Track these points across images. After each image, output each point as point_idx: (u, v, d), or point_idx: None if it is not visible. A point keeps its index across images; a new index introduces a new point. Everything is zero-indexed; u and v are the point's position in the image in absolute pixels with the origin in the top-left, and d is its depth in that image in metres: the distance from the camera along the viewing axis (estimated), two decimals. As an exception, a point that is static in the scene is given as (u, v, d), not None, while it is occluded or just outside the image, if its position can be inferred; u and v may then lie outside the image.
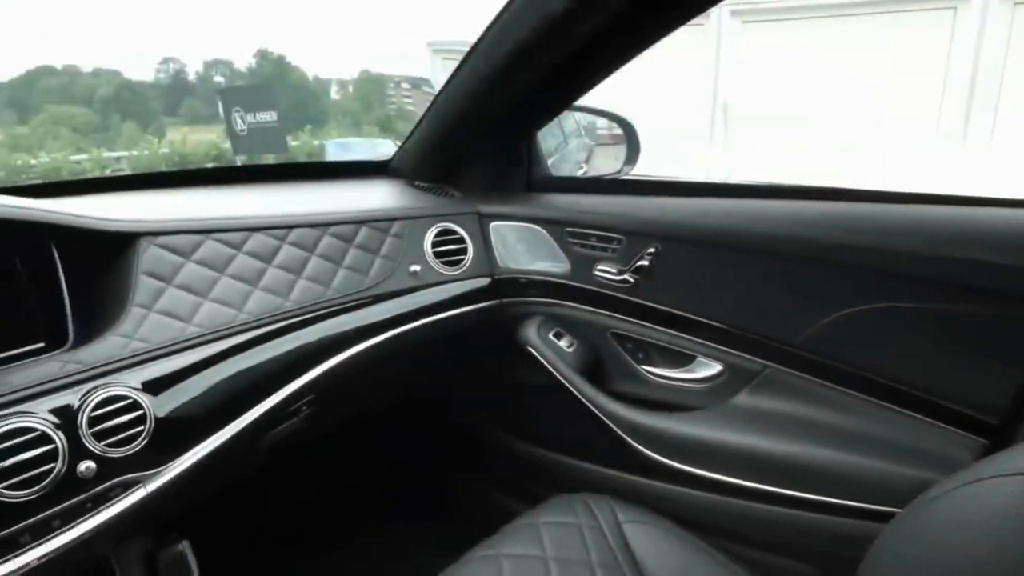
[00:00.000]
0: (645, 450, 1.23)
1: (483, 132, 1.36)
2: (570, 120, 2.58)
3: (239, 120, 9.39)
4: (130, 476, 0.78)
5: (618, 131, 1.68)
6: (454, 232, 1.33)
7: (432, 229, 1.29)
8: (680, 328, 1.23)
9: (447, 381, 1.64)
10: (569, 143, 2.51)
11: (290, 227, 1.08)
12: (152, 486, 0.80)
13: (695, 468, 1.17)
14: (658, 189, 1.32)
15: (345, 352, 1.07)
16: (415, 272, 1.22)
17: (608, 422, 1.27)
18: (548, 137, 1.65)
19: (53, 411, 0.74)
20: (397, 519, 1.72)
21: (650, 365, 1.30)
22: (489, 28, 1.12)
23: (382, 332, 1.13)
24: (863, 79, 9.97)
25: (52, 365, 0.78)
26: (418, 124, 1.41)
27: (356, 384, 1.16)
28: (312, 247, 1.10)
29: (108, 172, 10.25)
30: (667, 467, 1.20)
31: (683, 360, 1.25)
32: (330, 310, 1.07)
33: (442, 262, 1.28)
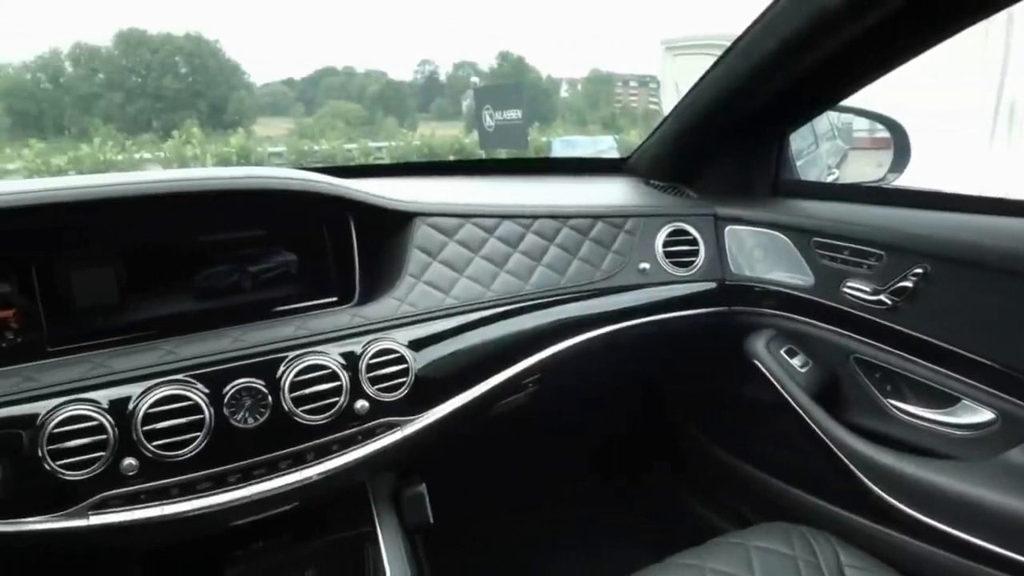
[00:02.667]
0: (883, 493, 1.10)
1: (731, 131, 1.31)
2: (823, 121, 2.36)
3: (488, 117, 10.22)
4: (392, 419, 0.92)
5: (881, 134, 1.51)
6: (687, 233, 1.31)
7: (665, 228, 1.29)
8: (945, 364, 1.07)
9: (661, 380, 1.63)
10: (820, 146, 2.30)
11: (535, 217, 1.17)
12: (408, 430, 0.93)
13: (942, 524, 1.02)
14: (931, 202, 1.16)
15: (572, 338, 1.12)
16: (644, 269, 1.23)
17: (840, 454, 1.16)
18: (796, 139, 1.54)
19: (342, 355, 0.90)
20: (594, 504, 1.75)
21: (900, 400, 1.16)
22: (752, 26, 1.08)
23: (608, 324, 1.17)
24: None
25: (343, 317, 0.94)
26: (662, 123, 1.41)
27: (577, 369, 1.21)
28: (552, 237, 1.17)
29: (371, 160, 11.80)
30: (906, 516, 1.06)
31: (944, 400, 1.09)
32: (563, 297, 1.13)
33: (672, 262, 1.27)
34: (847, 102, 1.25)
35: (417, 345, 0.95)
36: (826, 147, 2.44)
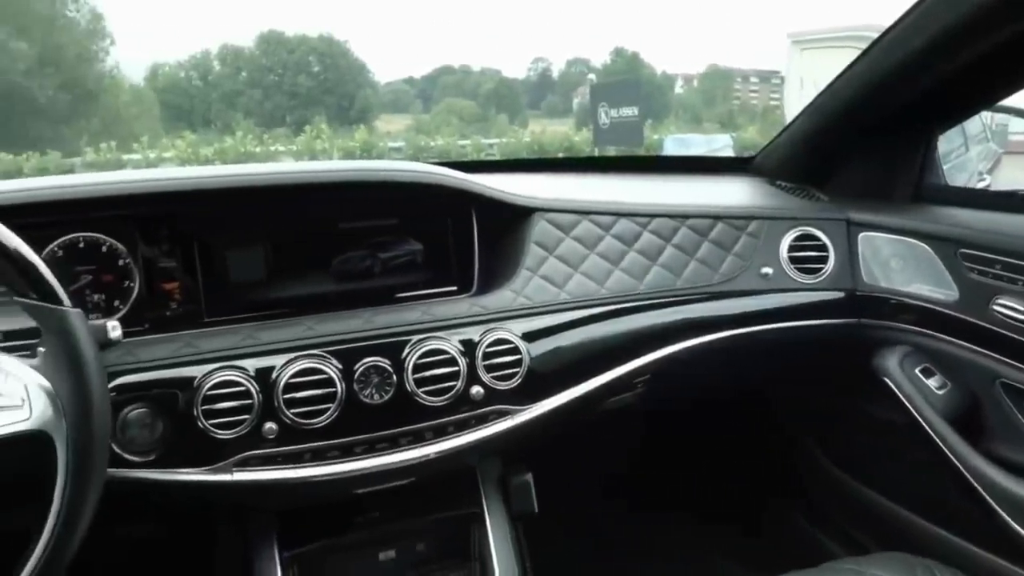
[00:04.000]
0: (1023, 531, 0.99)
1: (872, 131, 1.23)
2: (975, 122, 2.15)
3: (603, 114, 10.16)
4: (504, 407, 0.95)
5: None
6: (815, 238, 1.24)
7: (791, 232, 1.23)
8: None
9: (778, 391, 1.56)
10: (970, 149, 2.10)
11: (652, 215, 1.15)
12: (518, 419, 0.96)
13: None
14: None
15: (685, 341, 1.10)
16: (766, 274, 1.18)
17: (976, 485, 1.06)
18: (943, 141, 1.41)
19: (461, 342, 0.94)
20: (696, 512, 1.71)
21: (1055, 433, 1.04)
22: (899, 20, 1.01)
23: (725, 329, 1.13)
24: None
25: (462, 305, 0.99)
26: (793, 121, 1.35)
27: (688, 373, 1.19)
28: (669, 236, 1.15)
29: (483, 156, 12.07)
30: None
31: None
32: (678, 299, 1.11)
33: (797, 268, 1.21)
34: (1005, 101, 1.14)
35: (531, 337, 0.98)
36: (977, 150, 2.21)
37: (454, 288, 1.06)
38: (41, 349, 0.66)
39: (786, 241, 1.22)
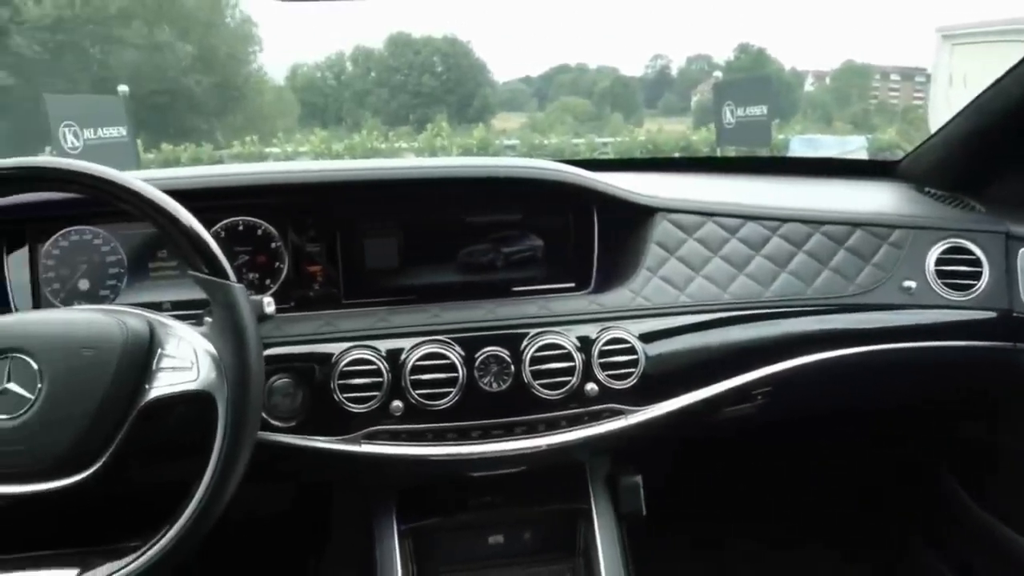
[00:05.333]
0: None
1: None
2: None
3: (728, 113, 9.78)
4: (618, 406, 0.95)
5: None
6: (967, 251, 1.13)
7: (940, 244, 1.13)
8: None
9: (914, 419, 1.43)
10: None
11: (783, 220, 1.10)
12: (631, 420, 0.96)
13: None
14: None
15: (813, 354, 1.05)
16: (908, 288, 1.09)
17: None
18: None
19: (578, 338, 0.95)
20: (812, 535, 1.61)
21: None
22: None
23: (857, 344, 1.06)
24: None
25: (581, 302, 1.00)
26: (948, 123, 1.23)
27: (814, 388, 1.13)
28: (801, 243, 1.10)
29: (596, 155, 11.99)
30: None
31: None
32: (807, 309, 1.06)
33: (945, 283, 1.11)
34: None
35: (648, 338, 0.97)
36: None
37: (572, 285, 1.08)
38: (208, 319, 0.75)
39: (934, 253, 1.12)
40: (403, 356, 0.91)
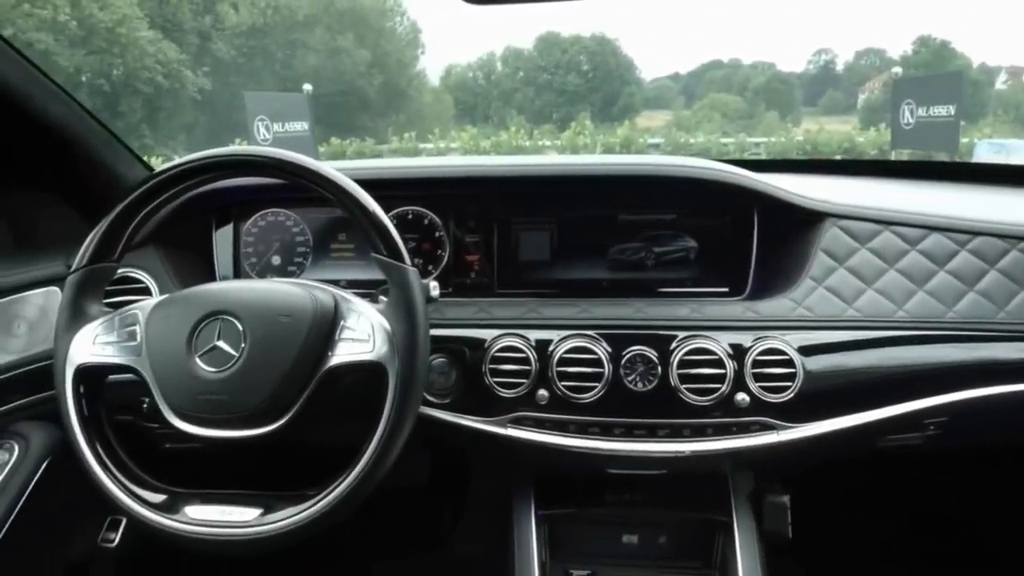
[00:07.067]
0: None
1: None
2: None
3: (907, 113, 8.90)
4: (770, 420, 0.91)
5: None
6: None
7: None
8: None
9: None
10: None
11: (974, 233, 0.99)
12: (783, 436, 0.91)
13: None
14: None
15: (1003, 386, 0.93)
16: None
17: None
18: None
19: (730, 345, 0.92)
20: None
21: None
22: None
23: None
24: None
25: (735, 308, 0.96)
26: None
27: (1002, 421, 1.00)
28: (994, 260, 0.97)
29: (746, 155, 11.39)
30: None
31: None
32: (997, 334, 0.94)
33: None
34: None
35: (808, 351, 0.91)
36: None
37: (725, 289, 1.04)
38: (382, 298, 0.82)
39: None
40: (551, 347, 0.93)
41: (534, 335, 0.95)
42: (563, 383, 0.92)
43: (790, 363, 0.90)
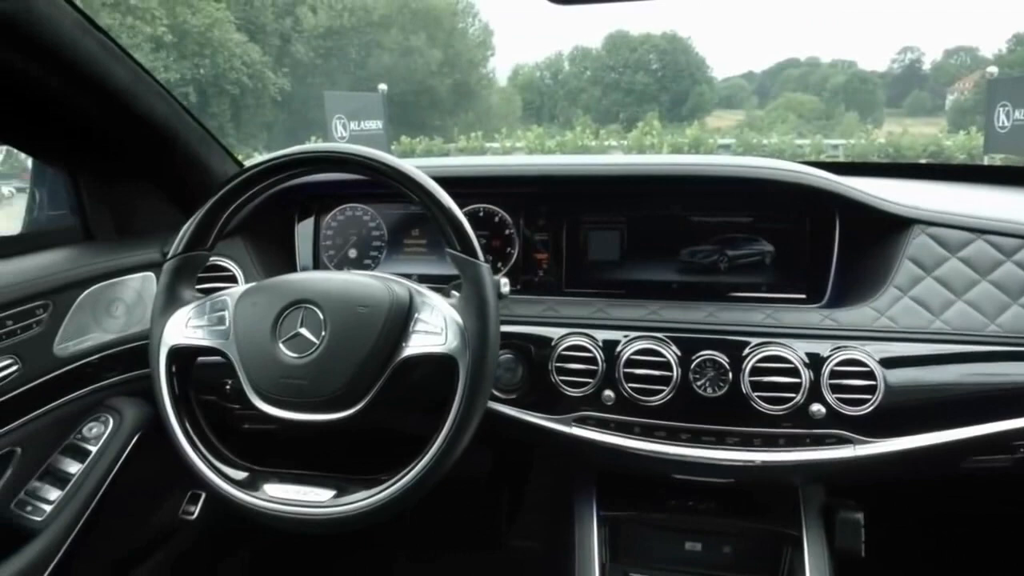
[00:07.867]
0: None
1: None
2: None
3: (1003, 115, 8.35)
4: (846, 433, 0.87)
5: None
6: None
7: None
8: None
9: None
10: None
11: None
12: (860, 451, 0.87)
13: None
14: None
15: None
16: None
17: None
18: None
19: (807, 354, 0.89)
20: None
21: None
22: None
23: None
24: None
25: (813, 315, 0.93)
26: None
27: None
28: None
29: (823, 157, 10.93)
30: None
31: None
32: None
33: None
34: None
35: (891, 363, 0.87)
36: None
37: (802, 296, 1.01)
38: (455, 292, 0.83)
39: None
40: (619, 348, 0.93)
41: (601, 335, 0.95)
42: (630, 384, 0.91)
43: (871, 375, 0.86)
